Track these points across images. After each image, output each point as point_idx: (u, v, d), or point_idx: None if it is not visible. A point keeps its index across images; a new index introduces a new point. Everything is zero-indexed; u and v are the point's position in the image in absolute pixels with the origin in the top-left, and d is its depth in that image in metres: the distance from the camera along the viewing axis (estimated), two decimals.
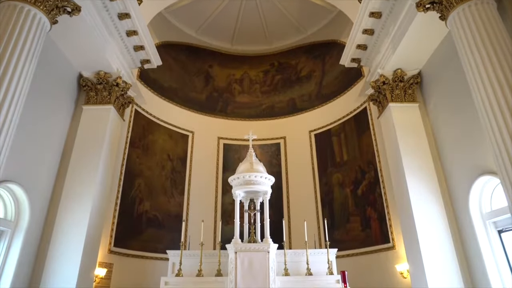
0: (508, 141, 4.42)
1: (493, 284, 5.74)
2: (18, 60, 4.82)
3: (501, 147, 4.51)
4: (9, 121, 4.61)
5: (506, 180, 4.45)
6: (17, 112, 4.80)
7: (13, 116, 4.70)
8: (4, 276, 5.79)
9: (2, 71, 4.62)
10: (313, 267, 6.31)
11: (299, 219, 8.94)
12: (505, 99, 4.55)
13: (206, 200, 10.16)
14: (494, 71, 4.72)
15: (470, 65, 5.09)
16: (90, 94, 7.94)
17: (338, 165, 9.99)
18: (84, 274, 6.51)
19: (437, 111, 7.40)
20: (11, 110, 4.64)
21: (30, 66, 5.04)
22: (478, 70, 4.93)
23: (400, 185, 7.32)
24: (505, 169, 4.45)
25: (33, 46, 5.08)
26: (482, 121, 4.94)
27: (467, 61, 5.18)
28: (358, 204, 9.15)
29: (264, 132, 10.77)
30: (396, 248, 7.77)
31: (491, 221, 6.02)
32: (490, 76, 4.76)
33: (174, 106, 10.52)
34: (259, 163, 7.02)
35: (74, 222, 6.70)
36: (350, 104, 9.87)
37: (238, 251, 6.02)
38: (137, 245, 8.49)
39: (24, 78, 4.92)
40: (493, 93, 4.68)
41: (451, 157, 6.90)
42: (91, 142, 7.45)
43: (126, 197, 8.58)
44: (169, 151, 10.13)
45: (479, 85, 4.91)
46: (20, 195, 6.13)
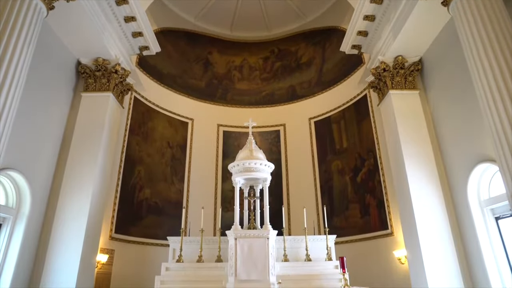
0: (508, 128, 4.42)
1: (489, 269, 5.83)
2: (15, 46, 4.76)
3: (501, 134, 4.51)
4: (8, 107, 4.60)
5: (505, 167, 4.47)
6: (16, 98, 4.78)
7: (12, 102, 4.67)
8: (7, 262, 5.86)
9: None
10: (312, 253, 6.39)
11: (299, 206, 9.00)
12: (506, 86, 4.53)
13: (206, 187, 10.21)
14: (496, 57, 4.68)
15: (472, 51, 5.05)
16: (89, 81, 7.89)
17: (338, 153, 10.00)
18: (86, 260, 6.59)
19: (437, 98, 7.37)
20: (9, 96, 4.62)
21: (27, 52, 4.99)
22: (480, 57, 4.89)
23: (399, 172, 7.35)
24: (504, 156, 4.46)
25: (30, 32, 5.02)
26: (482, 108, 4.93)
27: (468, 48, 5.14)
28: (358, 191, 9.20)
29: (264, 119, 10.75)
30: (395, 235, 7.85)
31: (489, 208, 6.07)
32: (491, 62, 4.72)
33: (173, 93, 10.47)
34: (259, 150, 7.03)
35: (75, 209, 6.74)
36: (350, 91, 9.83)
37: (238, 237, 6.08)
38: (138, 232, 8.57)
39: (22, 64, 4.87)
40: (494, 80, 4.65)
41: (451, 144, 6.91)
42: (90, 129, 7.45)
43: (127, 184, 8.62)
44: (169, 138, 10.13)
45: (480, 71, 4.88)
46: (21, 182, 6.16)
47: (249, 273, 5.82)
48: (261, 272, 5.83)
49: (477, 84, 4.97)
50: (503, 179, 4.57)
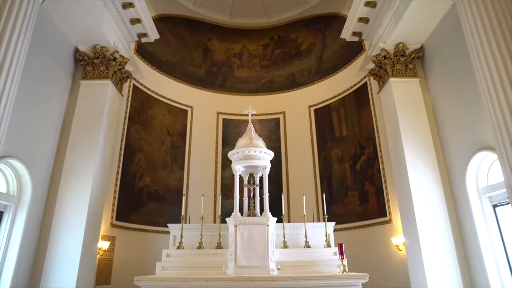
0: (508, 116, 4.41)
1: (485, 255, 5.91)
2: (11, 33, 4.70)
3: (501, 122, 4.51)
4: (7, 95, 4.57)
5: (504, 155, 4.48)
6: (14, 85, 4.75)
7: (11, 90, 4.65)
8: (10, 249, 5.94)
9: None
10: (311, 240, 6.46)
11: (298, 194, 9.06)
12: (507, 74, 4.50)
13: (206, 175, 10.26)
14: (498, 44, 4.64)
15: (474, 38, 5.01)
16: (87, 69, 7.84)
17: (337, 140, 10.02)
18: (87, 247, 6.66)
19: (437, 86, 7.35)
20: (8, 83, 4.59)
21: (24, 39, 4.93)
22: (481, 44, 4.85)
23: (399, 160, 7.38)
24: (503, 144, 4.47)
25: (26, 19, 4.95)
26: (482, 96, 4.92)
27: (470, 34, 5.09)
28: (357, 178, 9.25)
29: (264, 107, 10.72)
30: (393, 222, 7.93)
31: (487, 196, 6.12)
32: (493, 49, 4.69)
33: (172, 81, 10.42)
34: (259, 138, 7.03)
35: (76, 197, 6.79)
36: (350, 79, 9.78)
37: (238, 224, 6.14)
38: (138, 219, 8.65)
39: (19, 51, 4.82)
40: (495, 67, 4.62)
41: (450, 132, 6.92)
42: (90, 117, 7.43)
43: (127, 172, 8.65)
44: (169, 126, 10.12)
45: (481, 58, 4.85)
46: (21, 171, 6.19)
47: (249, 259, 5.90)
48: (260, 258, 5.91)
49: (478, 71, 4.94)
50: (502, 167, 4.59)
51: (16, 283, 5.89)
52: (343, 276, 5.65)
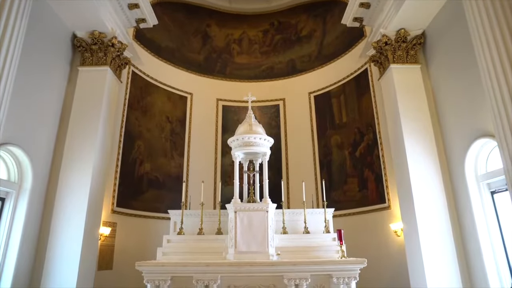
0: (508, 102, 4.41)
1: (482, 241, 5.99)
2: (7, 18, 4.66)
3: (501, 109, 4.51)
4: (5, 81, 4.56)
5: (503, 141, 4.49)
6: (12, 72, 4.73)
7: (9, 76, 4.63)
8: (12, 236, 6.01)
9: None
10: (311, 226, 6.51)
11: (298, 180, 9.09)
12: (509, 60, 4.47)
13: (206, 161, 10.29)
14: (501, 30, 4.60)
15: (476, 23, 4.94)
16: (85, 55, 7.77)
17: (337, 127, 10.01)
18: (89, 233, 6.73)
19: (439, 73, 7.30)
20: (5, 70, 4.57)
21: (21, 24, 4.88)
22: (484, 29, 4.79)
23: (398, 146, 7.39)
24: (503, 130, 4.48)
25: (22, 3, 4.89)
26: (483, 82, 4.89)
27: (473, 19, 5.03)
28: (356, 165, 9.28)
29: (263, 94, 10.68)
30: (391, 208, 7.99)
31: (485, 183, 6.16)
32: (495, 35, 4.63)
33: (172, 67, 10.35)
34: (258, 124, 7.02)
35: (77, 183, 6.82)
36: (350, 66, 9.71)
37: (237, 210, 6.18)
38: (139, 205, 8.71)
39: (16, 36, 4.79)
40: (497, 53, 4.58)
41: (450, 119, 6.91)
42: (89, 104, 7.41)
43: (127, 158, 8.67)
44: (168, 113, 10.09)
45: (483, 45, 4.80)
46: (22, 158, 6.21)
47: (249, 245, 5.96)
48: (260, 244, 5.97)
49: (480, 57, 4.90)
50: (501, 154, 4.61)
51: (19, 267, 5.98)
52: (342, 261, 5.72)
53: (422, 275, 6.39)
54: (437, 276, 6.28)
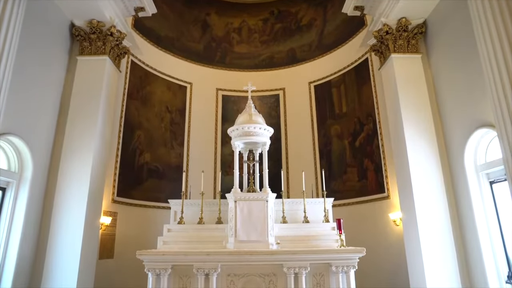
0: (509, 92, 4.40)
1: (480, 230, 6.03)
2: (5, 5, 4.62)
3: (501, 98, 4.51)
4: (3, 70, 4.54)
5: (503, 131, 4.49)
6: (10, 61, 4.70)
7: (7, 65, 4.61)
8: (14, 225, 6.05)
9: None
10: (310, 215, 6.55)
11: (297, 170, 9.12)
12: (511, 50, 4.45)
13: (205, 151, 10.30)
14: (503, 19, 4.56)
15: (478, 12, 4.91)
16: (84, 44, 7.71)
17: (337, 117, 10.00)
18: (90, 222, 6.78)
19: (440, 63, 7.26)
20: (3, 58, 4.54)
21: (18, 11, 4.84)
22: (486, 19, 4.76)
23: (398, 136, 7.39)
24: (503, 120, 4.48)
25: None
26: (484, 72, 4.87)
27: (475, 8, 4.99)
28: (356, 155, 9.29)
29: (263, 84, 10.64)
30: (391, 198, 8.03)
31: (484, 173, 6.18)
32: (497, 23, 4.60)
33: (171, 57, 10.28)
34: (258, 114, 7.01)
35: (77, 173, 6.84)
36: (351, 55, 9.65)
37: (237, 200, 6.21)
38: (139, 195, 8.75)
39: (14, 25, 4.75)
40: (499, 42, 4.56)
41: (451, 109, 6.90)
42: (88, 94, 7.38)
43: (127, 148, 8.68)
44: (168, 102, 10.06)
45: (485, 34, 4.77)
46: (22, 148, 6.21)
47: (249, 234, 6.01)
48: (260, 233, 6.02)
49: (482, 46, 4.88)
50: (501, 144, 4.61)
51: (22, 256, 6.04)
52: (341, 250, 5.77)
53: (420, 264, 6.46)
54: (435, 265, 6.34)
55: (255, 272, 5.79)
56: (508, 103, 4.38)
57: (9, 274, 5.84)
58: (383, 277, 7.90)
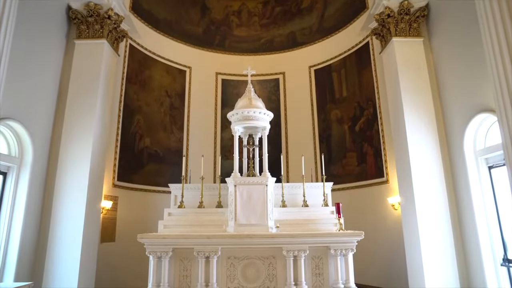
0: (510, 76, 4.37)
1: (478, 215, 6.10)
2: None
3: (503, 83, 4.49)
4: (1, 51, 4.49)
5: (503, 116, 4.49)
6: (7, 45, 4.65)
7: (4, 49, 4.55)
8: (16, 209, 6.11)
9: None
10: (309, 200, 6.60)
11: (297, 154, 9.15)
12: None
13: (205, 136, 10.30)
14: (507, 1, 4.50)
15: None
16: (81, 28, 7.61)
17: (337, 102, 9.96)
18: (91, 206, 6.83)
19: (441, 47, 7.19)
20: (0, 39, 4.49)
21: None
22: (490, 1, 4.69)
23: (398, 121, 7.38)
24: (504, 105, 4.47)
25: None
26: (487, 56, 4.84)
27: None
28: (355, 140, 9.30)
29: (263, 68, 10.56)
30: (389, 182, 8.08)
31: (483, 158, 6.20)
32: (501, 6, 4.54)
33: (170, 40, 10.15)
34: (258, 99, 6.98)
35: (77, 157, 6.85)
36: (352, 39, 9.54)
37: (237, 184, 6.25)
38: (140, 179, 8.79)
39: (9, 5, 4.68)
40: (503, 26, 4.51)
41: (451, 94, 6.87)
42: (86, 78, 7.32)
43: (126, 133, 8.68)
44: (167, 87, 10.00)
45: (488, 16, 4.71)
46: (21, 132, 6.21)
47: (249, 218, 6.07)
48: (260, 216, 6.08)
49: (485, 30, 4.82)
50: (500, 128, 4.61)
51: (25, 240, 6.12)
52: (340, 233, 5.84)
53: (417, 247, 6.55)
54: (432, 248, 6.43)
55: (255, 255, 5.88)
56: (510, 87, 4.36)
57: (13, 258, 5.92)
58: (381, 259, 8.03)
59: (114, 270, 7.62)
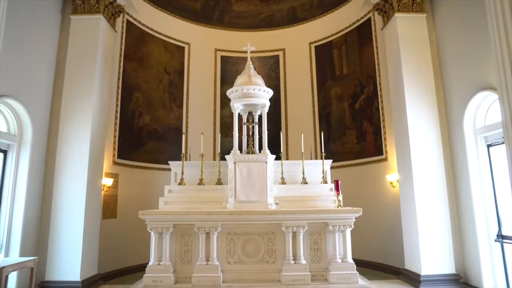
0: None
1: (474, 192, 6.19)
2: None
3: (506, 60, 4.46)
4: None
5: (504, 93, 4.48)
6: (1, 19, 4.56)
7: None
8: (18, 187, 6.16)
9: None
10: (309, 177, 6.68)
11: (297, 132, 9.15)
12: None
13: (205, 113, 10.27)
14: None
15: None
16: (77, 3, 7.42)
17: (338, 79, 9.88)
18: (92, 183, 6.88)
19: (444, 23, 7.06)
20: None
21: None
22: None
23: (398, 98, 7.34)
24: (505, 82, 4.45)
25: None
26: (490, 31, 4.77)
27: None
28: (355, 117, 9.28)
29: (263, 44, 10.40)
30: (388, 160, 8.12)
31: (482, 136, 6.23)
32: None
33: (167, 16, 9.94)
34: (258, 76, 6.92)
35: (77, 134, 6.84)
36: (353, 14, 9.34)
37: (237, 161, 6.29)
38: (140, 157, 8.82)
39: None
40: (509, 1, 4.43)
41: (453, 72, 6.80)
42: (84, 54, 7.20)
43: (125, 111, 8.63)
44: (166, 64, 9.88)
45: None
46: (20, 110, 6.19)
47: (248, 195, 6.15)
48: (259, 193, 6.16)
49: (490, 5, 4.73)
50: (501, 106, 4.61)
51: (28, 218, 6.21)
52: (338, 210, 5.94)
53: (414, 224, 6.66)
54: (428, 224, 6.54)
55: (255, 231, 6.00)
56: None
57: (17, 234, 6.03)
58: (378, 235, 8.18)
59: (117, 246, 7.78)
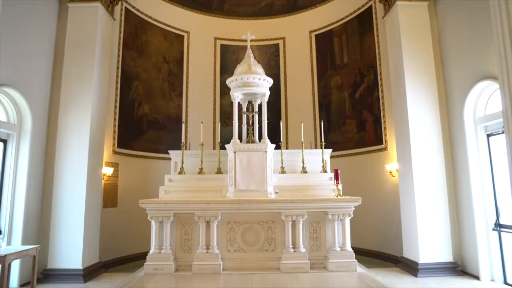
0: None
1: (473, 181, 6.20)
2: None
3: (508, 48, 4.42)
4: None
5: (505, 82, 4.47)
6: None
7: None
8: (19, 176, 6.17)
9: None
10: (308, 166, 6.69)
11: (296, 121, 9.13)
12: None
13: (204, 102, 10.24)
14: None
15: None
16: None
17: (338, 68, 9.82)
18: (92, 173, 6.89)
19: (446, 11, 6.98)
20: None
21: None
22: None
23: (399, 87, 7.31)
24: (507, 71, 4.43)
25: None
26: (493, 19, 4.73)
27: None
28: (355, 107, 9.26)
29: (263, 32, 10.30)
30: (388, 150, 8.13)
31: (482, 125, 6.22)
32: None
33: (166, 3, 9.82)
34: (258, 64, 6.88)
35: (77, 124, 6.83)
36: (354, 2, 9.24)
37: (237, 150, 6.30)
38: (140, 146, 8.83)
39: None
40: None
41: (454, 61, 6.76)
42: (82, 43, 7.14)
43: (125, 100, 8.60)
44: (165, 52, 9.81)
45: None
46: (19, 99, 6.16)
47: (248, 184, 6.17)
48: (259, 182, 6.18)
49: None
50: (501, 95, 4.60)
51: (29, 207, 6.24)
52: (337, 199, 5.97)
53: (413, 213, 6.70)
54: (427, 213, 6.57)
55: (254, 220, 6.04)
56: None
57: (19, 223, 6.06)
58: (377, 224, 8.24)
59: (117, 235, 7.84)
